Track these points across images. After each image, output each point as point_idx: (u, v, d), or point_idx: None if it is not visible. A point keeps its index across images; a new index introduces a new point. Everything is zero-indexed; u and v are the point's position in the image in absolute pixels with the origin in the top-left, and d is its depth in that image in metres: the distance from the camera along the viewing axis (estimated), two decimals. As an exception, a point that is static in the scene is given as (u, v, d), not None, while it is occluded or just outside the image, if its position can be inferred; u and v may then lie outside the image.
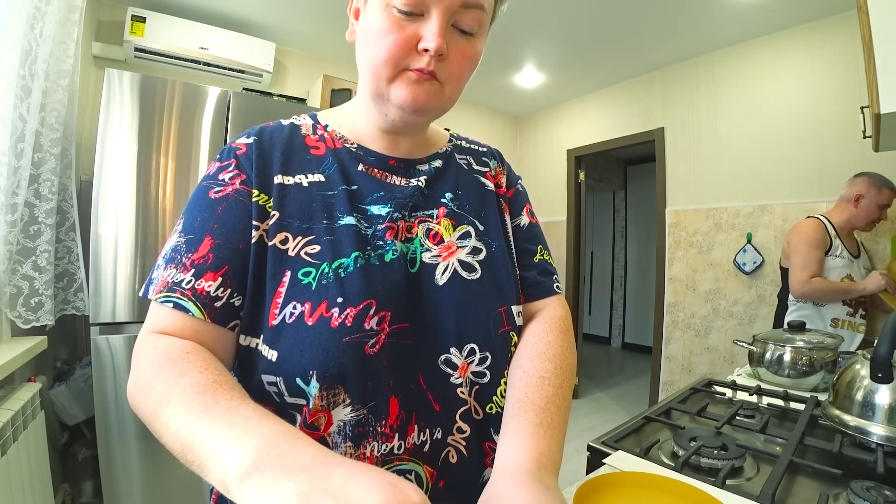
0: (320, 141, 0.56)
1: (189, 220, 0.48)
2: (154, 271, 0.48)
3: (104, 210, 1.61)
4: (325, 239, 0.48)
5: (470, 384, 0.50)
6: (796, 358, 1.11)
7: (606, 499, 0.52)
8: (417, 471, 0.47)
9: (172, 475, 1.72)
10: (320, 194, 0.51)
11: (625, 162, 5.27)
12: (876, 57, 1.08)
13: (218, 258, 0.46)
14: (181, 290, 0.45)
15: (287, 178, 0.51)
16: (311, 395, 0.44)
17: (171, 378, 0.38)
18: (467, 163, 0.63)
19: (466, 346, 0.50)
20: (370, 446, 0.45)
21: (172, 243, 0.48)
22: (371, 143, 0.56)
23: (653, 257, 3.17)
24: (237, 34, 2.37)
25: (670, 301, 2.93)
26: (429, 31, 0.46)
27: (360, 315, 0.45)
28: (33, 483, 1.17)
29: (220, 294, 0.45)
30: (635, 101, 3.14)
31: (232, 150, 0.52)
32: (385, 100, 0.50)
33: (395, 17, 0.46)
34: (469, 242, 0.55)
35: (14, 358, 1.15)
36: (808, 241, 1.82)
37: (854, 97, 2.08)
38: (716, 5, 2.22)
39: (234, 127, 1.86)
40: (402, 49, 0.46)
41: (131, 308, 1.66)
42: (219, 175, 0.50)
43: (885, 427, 0.69)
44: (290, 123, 0.57)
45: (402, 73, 0.48)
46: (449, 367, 0.49)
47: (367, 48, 0.48)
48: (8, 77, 1.17)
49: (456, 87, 0.51)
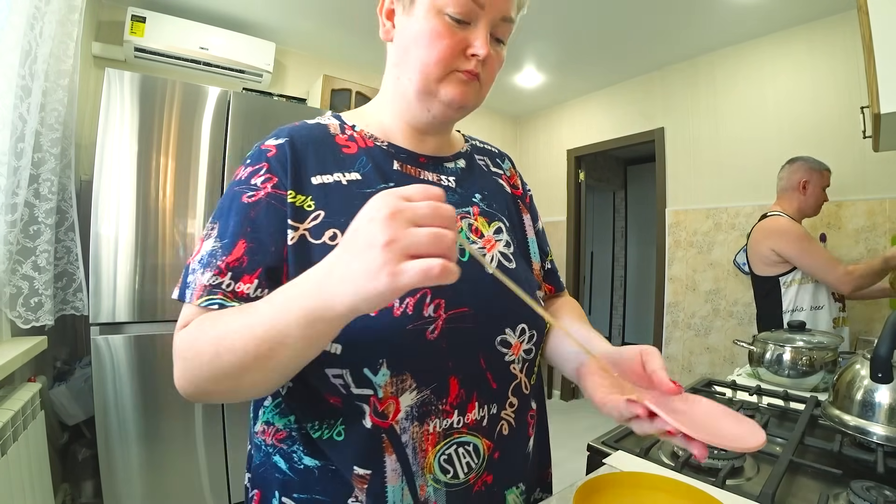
0: (350, 140, 0.57)
1: (223, 224, 0.50)
2: (189, 275, 0.49)
3: (104, 210, 1.61)
4: None
5: (522, 361, 0.55)
6: (796, 358, 1.11)
7: (606, 499, 0.52)
8: (476, 443, 0.51)
9: (172, 475, 1.72)
10: (360, 192, 0.53)
11: (625, 162, 5.27)
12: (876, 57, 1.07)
13: (252, 261, 0.47)
14: (223, 293, 0.46)
15: (326, 178, 0.53)
16: (379, 384, 0.46)
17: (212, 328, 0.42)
18: (485, 164, 0.67)
19: (518, 326, 0.55)
20: (433, 423, 0.48)
21: (209, 248, 0.49)
22: (400, 141, 0.59)
23: (653, 257, 3.17)
24: (237, 34, 2.37)
25: (670, 301, 2.93)
26: (478, 39, 0.51)
27: (418, 303, 0.48)
28: (33, 483, 1.17)
29: (258, 294, 0.47)
30: (635, 101, 3.14)
31: (262, 153, 0.53)
32: (432, 96, 0.53)
33: (447, 23, 0.51)
34: (503, 237, 0.59)
35: (14, 358, 1.15)
36: (802, 237, 1.71)
37: (854, 97, 2.08)
38: (716, 5, 2.22)
39: (234, 127, 1.86)
40: (453, 53, 0.51)
41: (131, 308, 1.66)
42: (251, 179, 0.51)
43: (885, 427, 0.69)
44: (317, 123, 0.58)
45: (451, 74, 0.52)
46: (504, 347, 0.53)
47: (417, 49, 0.52)
48: (8, 77, 1.17)
49: (488, 87, 0.56)
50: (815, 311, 1.72)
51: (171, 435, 1.72)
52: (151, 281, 1.69)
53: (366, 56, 2.88)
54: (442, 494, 0.49)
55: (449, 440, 0.49)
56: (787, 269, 1.74)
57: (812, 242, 1.70)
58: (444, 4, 0.50)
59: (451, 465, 0.49)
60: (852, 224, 2.19)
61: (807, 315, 1.71)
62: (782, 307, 1.75)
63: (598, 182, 4.85)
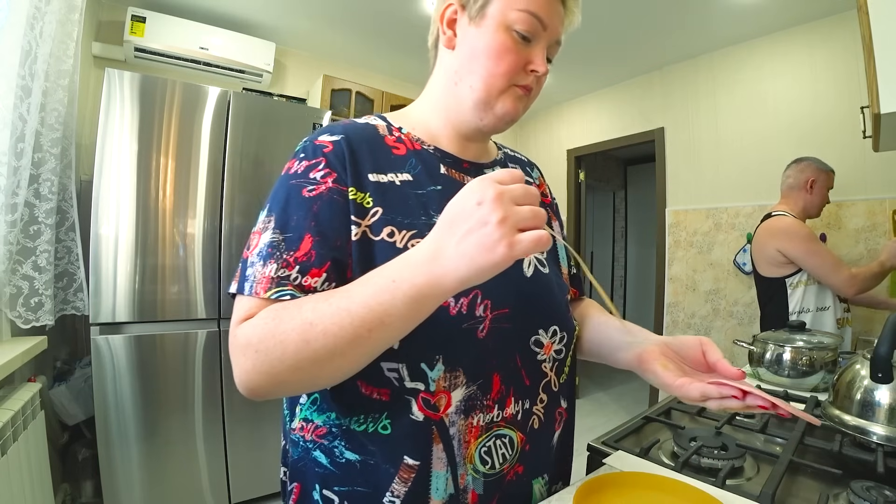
0: (398, 142, 0.59)
1: (282, 217, 0.50)
2: (248, 268, 0.48)
3: (104, 210, 1.61)
4: (427, 234, 0.52)
5: (552, 360, 0.58)
6: (796, 358, 1.11)
7: (606, 499, 0.52)
8: (511, 435, 0.54)
9: (172, 475, 1.72)
10: (413, 192, 0.55)
11: (625, 162, 5.27)
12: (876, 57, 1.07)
13: (320, 255, 0.48)
14: (291, 285, 0.47)
15: (381, 177, 0.54)
16: (433, 378, 0.49)
17: (295, 315, 0.43)
18: None
19: (551, 328, 0.58)
20: (476, 417, 0.51)
21: (268, 240, 0.49)
22: (445, 146, 0.61)
23: (653, 257, 3.17)
24: (237, 34, 2.37)
25: (670, 301, 2.93)
26: (538, 57, 0.55)
27: (471, 303, 0.51)
28: (33, 483, 1.17)
29: (325, 288, 0.48)
30: (635, 101, 3.14)
31: (318, 148, 0.54)
32: (489, 109, 0.57)
33: (514, 38, 0.54)
34: None
35: (14, 358, 1.15)
36: (809, 238, 1.68)
37: (854, 97, 2.08)
38: (716, 5, 2.22)
39: (235, 127, 1.86)
40: (517, 67, 0.55)
41: (131, 308, 1.66)
42: (309, 174, 0.52)
43: (885, 427, 0.69)
44: (366, 123, 0.60)
45: (511, 88, 0.56)
46: (537, 347, 0.56)
47: (485, 60, 0.55)
48: (8, 77, 1.17)
49: (532, 102, 0.60)
50: (821, 312, 1.70)
51: (171, 435, 1.72)
52: (151, 281, 1.69)
53: (366, 56, 2.88)
54: (479, 483, 0.52)
55: (489, 433, 0.52)
56: (793, 271, 1.71)
57: (818, 244, 1.68)
58: (513, 21, 0.53)
59: (489, 457, 0.52)
60: (852, 224, 2.19)
61: (813, 316, 1.69)
62: (789, 309, 1.73)
63: (598, 182, 4.85)
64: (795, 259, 1.69)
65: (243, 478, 1.88)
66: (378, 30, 2.55)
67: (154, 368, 1.69)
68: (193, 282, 1.78)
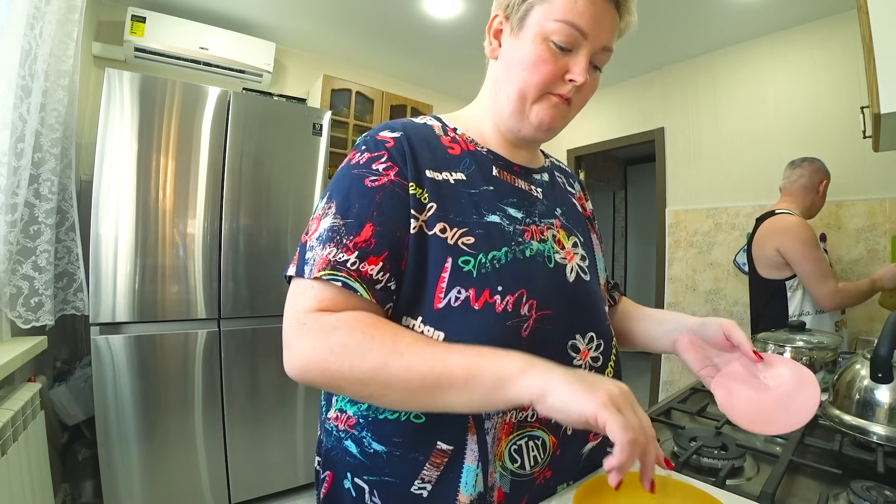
0: (453, 142, 0.61)
1: (344, 204, 0.51)
2: (307, 252, 0.50)
3: (104, 210, 1.61)
4: (478, 232, 0.54)
5: (588, 367, 0.58)
6: (796, 358, 1.11)
7: (606, 499, 0.52)
8: (544, 438, 0.54)
9: (172, 475, 1.72)
10: (466, 191, 0.56)
11: (625, 162, 5.27)
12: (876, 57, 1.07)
13: (379, 244, 0.50)
14: (347, 271, 0.48)
15: (437, 174, 0.56)
16: None
17: (387, 338, 0.45)
18: (563, 182, 0.72)
19: (588, 334, 0.58)
20: (510, 413, 0.52)
21: (328, 225, 0.50)
22: (497, 149, 0.63)
23: (653, 257, 3.16)
24: (237, 34, 2.37)
25: (670, 301, 2.93)
26: (578, 66, 0.54)
27: (516, 302, 0.52)
28: (33, 483, 1.17)
29: (380, 277, 0.49)
30: (635, 101, 3.14)
31: (380, 143, 0.56)
32: (524, 118, 0.58)
33: (551, 49, 0.54)
34: (579, 251, 0.63)
35: (14, 358, 1.15)
36: (810, 242, 1.64)
37: (854, 97, 2.08)
38: (716, 5, 2.22)
39: (235, 127, 1.86)
40: (553, 77, 0.55)
41: (131, 308, 1.66)
42: (371, 165, 0.54)
43: (885, 427, 0.69)
44: (424, 123, 0.62)
45: (545, 97, 0.56)
46: (573, 351, 0.57)
47: (521, 71, 0.55)
48: (8, 77, 1.17)
49: (578, 111, 0.60)
50: (819, 316, 1.68)
51: (171, 435, 1.72)
52: (151, 281, 1.69)
53: (366, 56, 2.88)
54: (507, 482, 0.52)
55: (521, 432, 0.53)
56: (793, 273, 1.69)
57: (817, 250, 1.65)
58: (550, 32, 0.53)
59: (519, 456, 0.53)
60: (852, 224, 2.19)
61: (812, 319, 1.67)
62: (788, 311, 1.70)
63: (598, 182, 4.85)
64: (789, 259, 1.67)
65: (243, 478, 1.88)
66: (378, 30, 2.55)
67: (154, 368, 1.69)
68: (193, 282, 1.78)
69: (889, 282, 1.65)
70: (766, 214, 1.82)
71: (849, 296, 1.63)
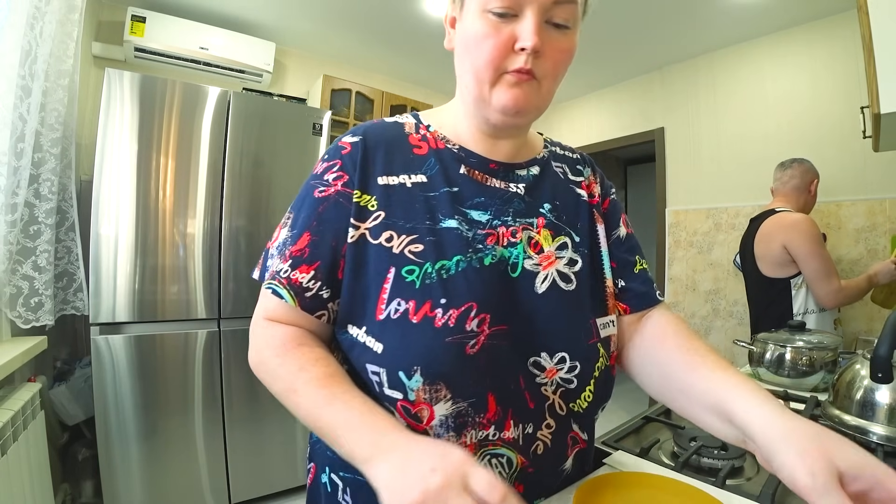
0: (423, 140, 0.58)
1: (296, 215, 0.54)
2: (268, 259, 0.54)
3: (104, 210, 1.61)
4: (428, 239, 0.51)
5: (556, 385, 0.53)
6: (796, 358, 1.11)
7: (606, 499, 0.52)
8: (510, 456, 0.51)
9: (172, 475, 1.72)
10: (423, 195, 0.53)
11: (625, 162, 5.27)
12: (876, 57, 1.07)
13: (312, 253, 0.51)
14: (279, 279, 0.51)
15: (391, 179, 0.54)
16: (411, 388, 0.47)
17: (293, 370, 0.47)
18: (563, 171, 0.64)
19: (557, 354, 0.52)
20: (469, 434, 0.49)
21: (283, 237, 0.53)
22: (472, 146, 0.58)
23: (653, 257, 3.16)
24: (237, 34, 2.37)
25: (670, 301, 2.93)
26: (524, 30, 0.47)
27: (461, 316, 0.48)
28: (33, 483, 1.17)
29: (310, 286, 0.50)
30: (635, 101, 3.14)
31: (338, 150, 0.55)
32: (487, 103, 0.52)
33: (492, 20, 0.48)
34: (566, 254, 0.56)
35: (14, 358, 1.15)
36: (818, 239, 1.62)
37: (854, 97, 2.08)
38: (716, 5, 2.22)
39: (235, 127, 1.86)
40: (501, 51, 0.48)
41: (131, 308, 1.66)
42: (324, 175, 0.54)
43: (885, 427, 0.69)
44: (394, 122, 0.60)
45: (502, 77, 0.50)
46: (536, 369, 0.52)
47: (468, 54, 0.51)
48: (8, 77, 1.17)
49: (552, 82, 0.52)
50: (821, 314, 1.69)
51: (171, 435, 1.72)
52: (151, 281, 1.69)
53: (366, 56, 2.88)
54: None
55: (483, 450, 0.49)
56: (797, 271, 1.69)
57: (823, 248, 1.65)
58: (486, 1, 0.48)
59: None
60: (852, 224, 2.19)
61: (816, 317, 1.68)
62: (793, 310, 1.70)
63: (598, 182, 4.85)
64: (797, 256, 1.66)
65: (243, 478, 1.88)
66: (378, 30, 2.55)
67: (154, 368, 1.69)
68: (193, 282, 1.78)
69: (885, 277, 1.66)
70: (762, 214, 1.83)
71: (850, 294, 1.64)
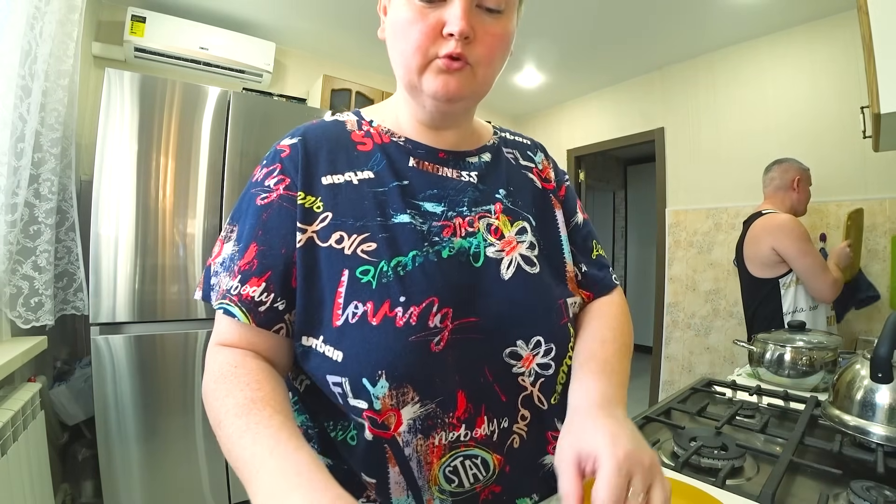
0: (366, 136, 0.55)
1: (241, 227, 0.50)
2: (212, 277, 0.50)
3: (104, 210, 1.61)
4: (381, 236, 0.48)
5: (534, 375, 0.51)
6: (796, 358, 1.11)
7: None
8: (484, 457, 0.48)
9: (172, 475, 1.72)
10: (371, 191, 0.51)
11: (625, 162, 5.27)
12: (876, 57, 1.07)
13: (262, 264, 0.47)
14: (230, 297, 0.47)
15: (336, 178, 0.51)
16: (376, 396, 0.44)
17: (220, 397, 0.43)
18: (514, 157, 0.63)
19: (533, 339, 0.50)
20: (438, 436, 0.46)
21: (229, 252, 0.49)
22: (417, 137, 0.56)
23: (653, 257, 3.17)
24: (237, 34, 2.37)
25: (670, 301, 2.93)
26: (451, 14, 0.45)
27: (423, 313, 0.45)
28: (33, 483, 1.17)
29: (263, 299, 0.47)
30: (635, 101, 3.14)
31: (277, 154, 0.53)
32: (419, 91, 0.50)
33: (418, 6, 0.46)
34: (526, 237, 0.55)
35: (14, 358, 1.15)
36: (805, 237, 1.65)
37: (854, 97, 2.08)
38: (716, 5, 2.22)
39: (234, 127, 1.86)
40: (428, 37, 0.46)
41: (131, 308, 1.66)
42: (265, 181, 0.51)
43: (885, 427, 0.69)
44: (335, 120, 0.57)
45: (432, 63, 0.48)
46: (513, 359, 0.50)
47: (396, 41, 0.49)
48: (8, 77, 1.17)
49: (488, 68, 0.50)
50: (813, 312, 1.70)
51: (171, 435, 1.72)
52: (151, 281, 1.69)
53: (366, 56, 2.88)
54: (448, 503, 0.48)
55: (455, 452, 0.47)
56: (786, 270, 1.71)
57: (811, 244, 1.68)
58: None
59: (455, 476, 0.47)
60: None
61: (806, 315, 1.69)
62: (783, 309, 1.72)
63: (598, 182, 4.85)
64: (787, 257, 1.68)
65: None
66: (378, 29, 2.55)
67: (154, 368, 1.69)
68: (193, 282, 1.78)
69: (843, 260, 1.75)
70: (751, 217, 1.86)
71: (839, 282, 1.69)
